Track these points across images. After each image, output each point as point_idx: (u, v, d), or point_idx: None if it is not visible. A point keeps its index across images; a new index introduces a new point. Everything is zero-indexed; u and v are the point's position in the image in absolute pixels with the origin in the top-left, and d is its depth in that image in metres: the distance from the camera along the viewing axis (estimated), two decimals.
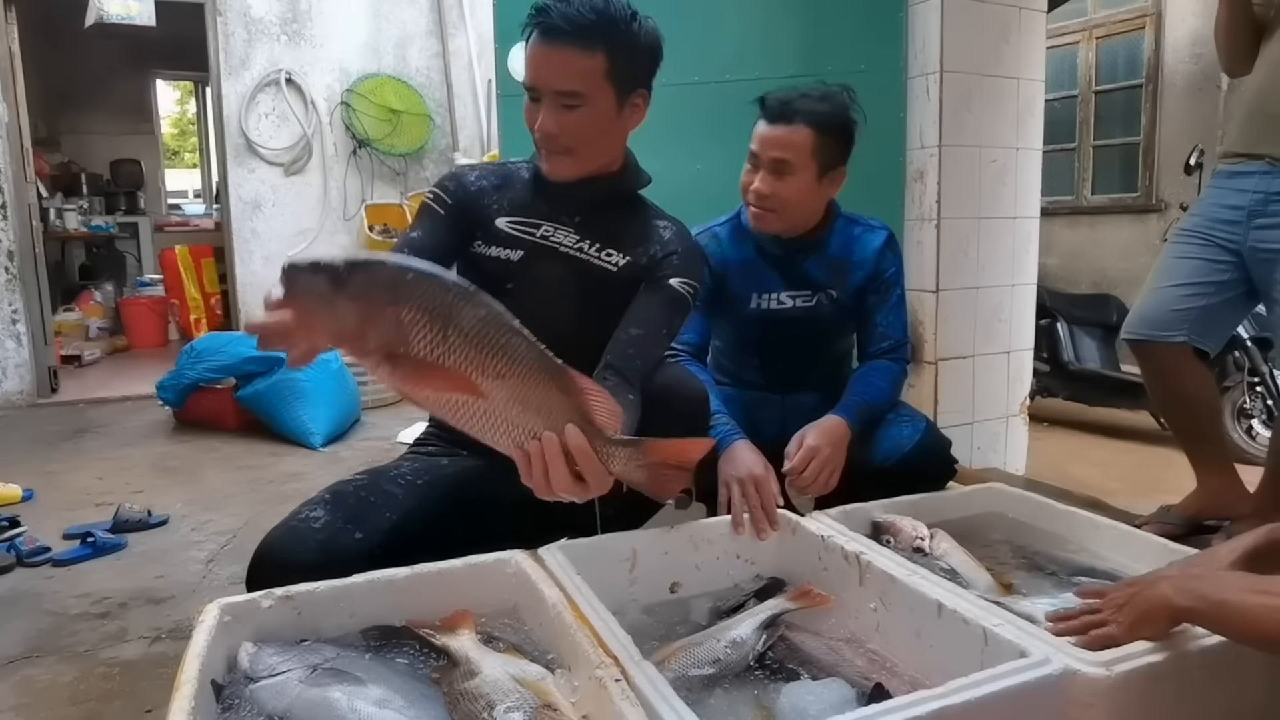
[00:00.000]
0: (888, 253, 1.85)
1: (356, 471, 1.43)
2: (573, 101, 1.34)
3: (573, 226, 1.46)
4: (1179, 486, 2.21)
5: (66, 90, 7.43)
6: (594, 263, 1.46)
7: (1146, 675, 0.97)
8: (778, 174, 1.69)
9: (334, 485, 1.35)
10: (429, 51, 5.11)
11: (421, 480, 1.41)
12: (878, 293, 1.85)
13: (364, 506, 1.30)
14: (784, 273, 1.83)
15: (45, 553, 2.17)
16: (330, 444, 3.41)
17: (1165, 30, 5.12)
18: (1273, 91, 1.89)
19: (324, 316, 0.78)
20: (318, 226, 4.96)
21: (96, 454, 3.35)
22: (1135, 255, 5.24)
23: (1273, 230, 1.87)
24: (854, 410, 1.68)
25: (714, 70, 2.67)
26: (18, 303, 4.33)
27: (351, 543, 1.23)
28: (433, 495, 1.40)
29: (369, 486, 1.35)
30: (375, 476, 1.39)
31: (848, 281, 1.84)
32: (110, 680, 1.56)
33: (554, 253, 1.45)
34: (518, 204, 1.47)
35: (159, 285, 6.43)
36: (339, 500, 1.29)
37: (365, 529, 1.26)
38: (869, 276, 1.84)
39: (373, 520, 1.28)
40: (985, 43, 2.57)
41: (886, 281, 1.85)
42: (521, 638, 1.18)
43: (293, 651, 1.04)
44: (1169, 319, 1.98)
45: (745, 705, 1.09)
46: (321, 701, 0.94)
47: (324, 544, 1.20)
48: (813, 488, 1.56)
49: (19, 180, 4.32)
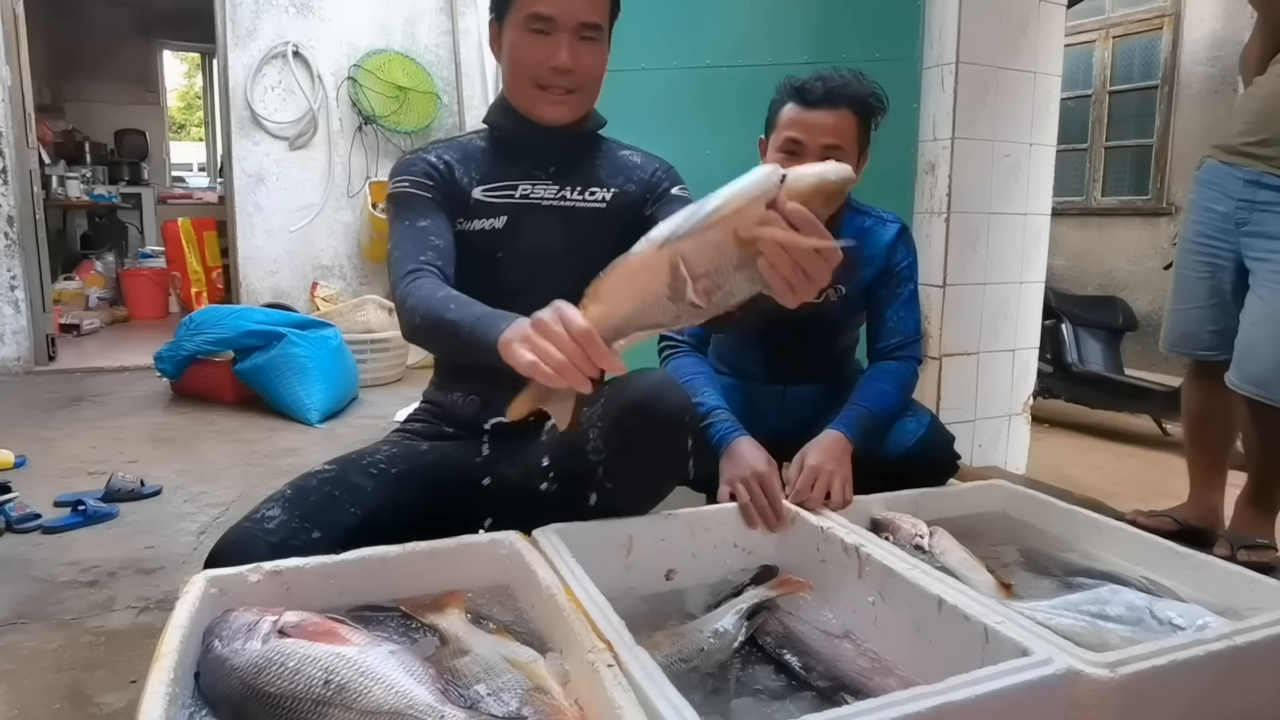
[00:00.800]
0: (900, 246, 1.80)
1: (329, 460, 1.38)
2: (593, 34, 1.32)
3: (549, 178, 1.43)
4: (1179, 492, 2.20)
5: (72, 57, 7.39)
6: (581, 207, 1.43)
7: (1151, 677, 0.95)
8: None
9: (299, 478, 1.31)
10: (438, 29, 5.07)
11: (395, 469, 1.37)
12: (888, 287, 1.79)
13: (326, 502, 1.26)
14: None
15: (35, 519, 2.15)
16: (327, 420, 3.39)
17: (1184, 31, 5.06)
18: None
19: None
20: (320, 202, 4.93)
21: (92, 423, 3.33)
22: (1144, 258, 5.21)
23: (1255, 239, 1.89)
24: (855, 422, 1.63)
25: (725, 54, 2.64)
26: (17, 269, 4.30)
27: (308, 542, 1.19)
28: (405, 485, 1.36)
29: (335, 479, 1.31)
30: (344, 468, 1.35)
31: (857, 277, 1.79)
32: (95, 649, 1.54)
33: (537, 208, 1.42)
34: (487, 171, 1.43)
35: (160, 257, 6.41)
36: (299, 497, 1.26)
37: (325, 526, 1.22)
38: (880, 270, 1.79)
39: (334, 518, 1.24)
40: (1003, 34, 2.54)
41: (898, 275, 1.79)
42: (513, 619, 1.16)
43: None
44: (1210, 339, 2.01)
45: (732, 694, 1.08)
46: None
47: (276, 547, 1.17)
48: (828, 504, 1.49)
49: (21, 145, 4.28)
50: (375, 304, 4.49)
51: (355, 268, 5.07)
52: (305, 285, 4.92)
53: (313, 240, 4.95)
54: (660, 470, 1.36)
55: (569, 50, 1.31)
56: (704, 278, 0.90)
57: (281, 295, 4.83)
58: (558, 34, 1.31)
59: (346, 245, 5.03)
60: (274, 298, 4.77)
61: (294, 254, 4.92)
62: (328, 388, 3.43)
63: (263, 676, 0.88)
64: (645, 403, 1.27)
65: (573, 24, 1.30)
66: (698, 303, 0.90)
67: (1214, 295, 1.99)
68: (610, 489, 1.31)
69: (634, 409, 1.27)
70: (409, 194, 1.38)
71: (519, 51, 1.34)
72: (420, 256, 1.28)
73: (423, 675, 0.89)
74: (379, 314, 4.44)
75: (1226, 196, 1.94)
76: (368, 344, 4.06)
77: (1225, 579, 1.30)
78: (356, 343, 3.95)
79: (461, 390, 1.50)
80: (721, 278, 0.91)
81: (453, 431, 1.50)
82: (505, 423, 1.37)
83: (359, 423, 3.41)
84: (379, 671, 0.87)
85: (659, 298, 0.92)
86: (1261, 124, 1.89)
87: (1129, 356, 4.22)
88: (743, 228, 0.88)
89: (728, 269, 0.90)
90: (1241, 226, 1.91)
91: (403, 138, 5.03)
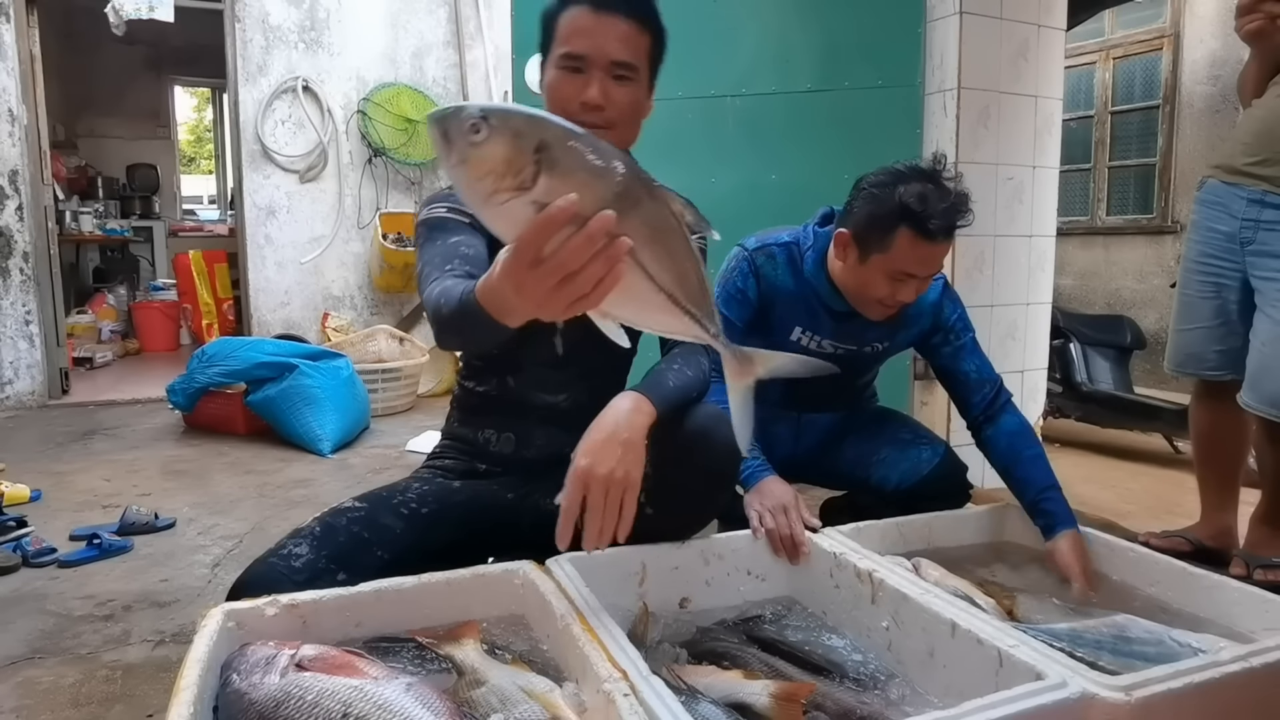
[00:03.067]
0: (945, 302, 1.75)
1: (358, 495, 1.39)
2: (626, 74, 1.33)
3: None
4: (1193, 509, 2.19)
5: (85, 94, 7.51)
6: None
7: (1167, 700, 0.95)
8: (925, 281, 1.60)
9: (329, 513, 1.31)
10: (446, 62, 5.14)
11: (427, 509, 1.38)
12: (950, 344, 1.75)
13: (354, 544, 1.26)
14: (837, 323, 1.74)
15: (51, 553, 2.17)
16: (339, 450, 3.40)
17: (1184, 51, 5.10)
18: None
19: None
20: (331, 234, 4.98)
21: (105, 456, 3.35)
22: (1150, 277, 5.21)
23: (1261, 258, 1.89)
24: (1066, 509, 1.58)
25: (730, 84, 2.67)
26: (31, 304, 4.35)
27: (334, 585, 1.19)
28: (436, 526, 1.37)
29: (365, 519, 1.31)
30: (375, 507, 1.35)
31: (899, 336, 1.77)
32: (112, 683, 1.55)
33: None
34: None
35: (172, 289, 6.46)
36: (328, 535, 1.26)
37: (351, 569, 1.22)
38: (927, 330, 1.76)
39: (361, 560, 1.25)
40: (1004, 59, 2.57)
41: (954, 329, 1.75)
42: (529, 648, 1.16)
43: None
44: (1216, 359, 2.01)
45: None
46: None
47: (301, 587, 1.17)
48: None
49: (36, 182, 4.35)
50: (386, 334, 4.52)
51: (366, 298, 5.11)
52: (316, 316, 4.95)
53: (323, 271, 4.99)
54: (703, 506, 1.41)
55: (600, 87, 1.31)
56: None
57: (292, 326, 4.87)
58: (591, 71, 1.32)
59: (357, 276, 5.07)
60: (285, 329, 4.80)
61: (305, 285, 4.96)
62: (339, 418, 3.45)
63: (281, 710, 0.89)
64: (696, 440, 1.31)
65: (605, 62, 1.31)
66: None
67: (1219, 315, 1.99)
68: (651, 515, 1.31)
69: (686, 443, 1.30)
70: (442, 218, 1.36)
71: (554, 89, 1.35)
72: (447, 265, 1.26)
73: (440, 708, 0.90)
74: (390, 344, 4.48)
75: (1230, 216, 1.94)
76: (379, 374, 4.09)
77: (1241, 599, 1.30)
78: (368, 373, 3.97)
79: (493, 428, 1.50)
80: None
81: (485, 469, 1.50)
82: (540, 459, 1.39)
83: (371, 452, 3.42)
84: (397, 705, 0.88)
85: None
86: (1262, 145, 1.90)
87: (1138, 375, 4.21)
88: None
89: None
90: (1247, 246, 1.91)
91: (412, 169, 5.08)
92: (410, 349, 4.47)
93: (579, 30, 1.31)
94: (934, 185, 1.52)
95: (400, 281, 4.97)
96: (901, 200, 1.51)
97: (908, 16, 2.59)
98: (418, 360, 4.36)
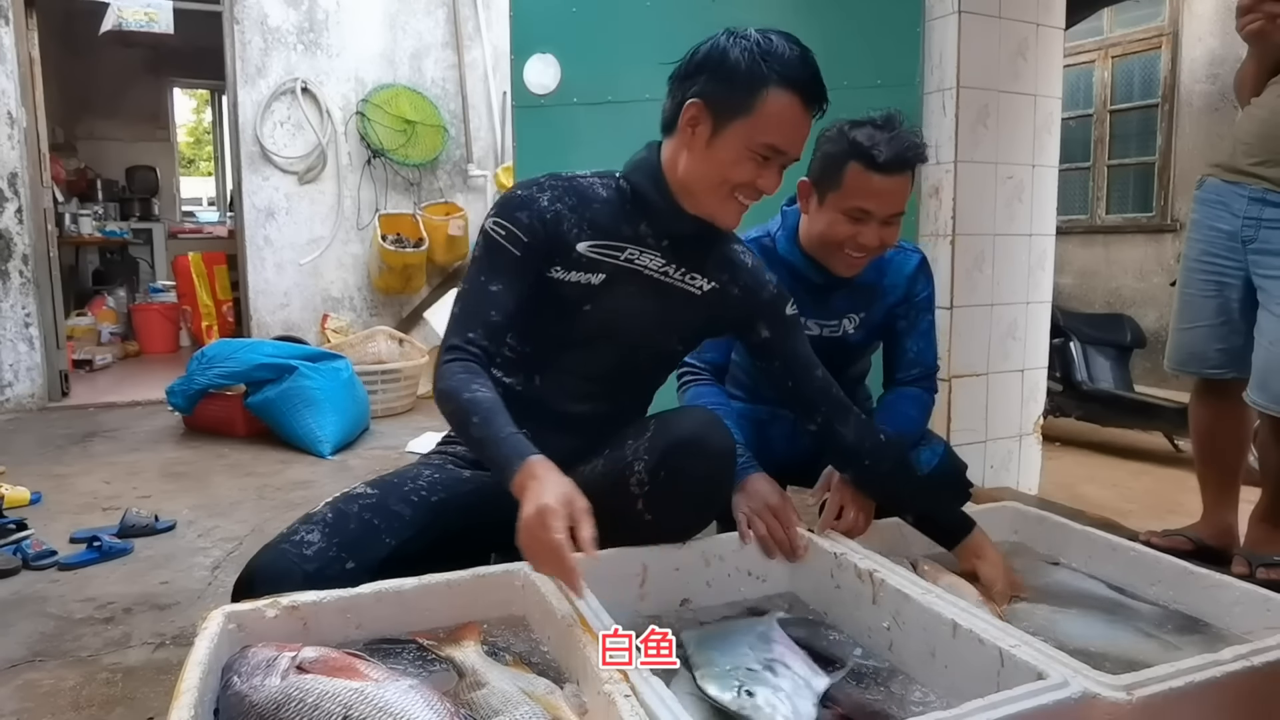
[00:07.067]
0: (920, 276, 1.79)
1: (370, 481, 1.39)
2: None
3: (659, 250, 1.40)
4: (1194, 507, 2.18)
5: (84, 97, 7.50)
6: (679, 285, 1.42)
7: (1168, 699, 0.95)
8: (891, 224, 1.61)
9: (340, 499, 1.32)
10: (445, 63, 5.14)
11: (436, 497, 1.38)
12: (908, 317, 1.79)
13: (364, 531, 1.27)
14: (815, 300, 1.75)
15: (51, 556, 2.17)
16: (339, 452, 3.40)
17: (1182, 49, 5.10)
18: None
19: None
20: (330, 235, 4.98)
21: (105, 458, 3.35)
22: (1150, 275, 5.21)
23: (1264, 256, 1.89)
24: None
25: None
26: (31, 306, 4.34)
27: (342, 573, 1.20)
28: (443, 514, 1.37)
29: (375, 506, 1.31)
30: (386, 493, 1.35)
31: (875, 306, 1.79)
32: (113, 686, 1.55)
33: (637, 275, 1.39)
34: (600, 226, 1.37)
35: (171, 291, 6.46)
36: (339, 522, 1.27)
37: (360, 557, 1.23)
38: (899, 300, 1.79)
39: (370, 548, 1.26)
40: (1002, 58, 2.57)
41: (918, 306, 1.79)
42: (529, 650, 1.16)
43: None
44: (1218, 358, 2.00)
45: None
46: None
47: (311, 576, 1.18)
48: (852, 531, 1.49)
49: (35, 185, 4.34)
50: (385, 335, 4.52)
51: (365, 299, 5.11)
52: (315, 318, 4.95)
53: (323, 273, 4.99)
54: (701, 508, 1.42)
55: (779, 178, 1.33)
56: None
57: (292, 328, 4.86)
58: (782, 159, 1.32)
59: (356, 277, 5.07)
60: (284, 330, 4.80)
61: (304, 287, 4.96)
62: (339, 419, 3.44)
63: (282, 713, 0.89)
64: (691, 444, 1.32)
65: (796, 155, 1.33)
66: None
67: (1221, 314, 1.98)
68: (650, 521, 1.34)
69: (680, 449, 1.31)
70: (500, 244, 1.31)
71: (737, 167, 1.30)
72: (470, 333, 1.27)
73: (441, 710, 0.90)
74: (389, 345, 4.47)
75: (1232, 214, 1.94)
76: (378, 375, 4.09)
77: (1242, 598, 1.30)
78: (367, 374, 3.97)
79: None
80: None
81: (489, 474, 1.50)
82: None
83: (371, 454, 3.42)
84: (398, 706, 0.88)
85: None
86: (1261, 145, 1.89)
87: (1138, 373, 4.21)
88: None
89: None
90: (1249, 244, 1.90)
91: (411, 170, 5.08)
92: (410, 350, 4.47)
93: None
94: (884, 128, 1.56)
95: (399, 283, 4.97)
96: (851, 139, 1.56)
97: (906, 16, 2.58)
98: (417, 361, 4.36)
